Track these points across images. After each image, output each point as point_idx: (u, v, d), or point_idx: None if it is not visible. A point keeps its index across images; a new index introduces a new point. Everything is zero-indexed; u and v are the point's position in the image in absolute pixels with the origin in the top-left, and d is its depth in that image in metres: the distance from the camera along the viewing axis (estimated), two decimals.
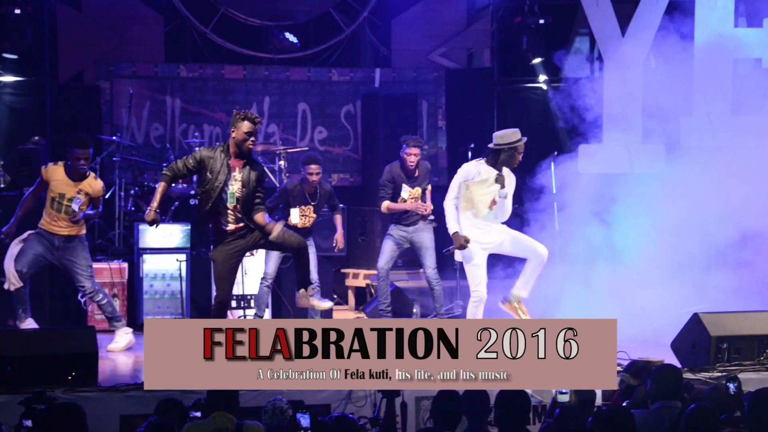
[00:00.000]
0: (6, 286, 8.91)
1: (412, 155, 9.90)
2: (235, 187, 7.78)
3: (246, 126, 7.77)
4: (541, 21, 12.59)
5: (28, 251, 8.91)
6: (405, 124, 12.40)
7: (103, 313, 9.18)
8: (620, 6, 12.23)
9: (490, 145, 8.50)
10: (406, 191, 9.96)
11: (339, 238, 10.24)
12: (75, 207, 8.90)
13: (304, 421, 5.60)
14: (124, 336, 9.16)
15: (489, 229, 8.50)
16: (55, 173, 8.92)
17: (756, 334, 8.07)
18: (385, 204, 10.00)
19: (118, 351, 9.12)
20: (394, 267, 10.78)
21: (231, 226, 7.84)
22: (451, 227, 8.47)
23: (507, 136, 8.47)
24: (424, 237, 10.01)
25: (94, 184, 9.05)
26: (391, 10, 13.46)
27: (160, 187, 7.88)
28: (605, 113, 12.20)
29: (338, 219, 10.28)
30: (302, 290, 8.17)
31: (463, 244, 8.36)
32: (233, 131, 7.81)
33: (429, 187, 10.18)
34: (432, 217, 10.08)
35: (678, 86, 11.40)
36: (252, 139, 7.82)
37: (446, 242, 8.94)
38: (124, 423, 6.90)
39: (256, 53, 13.14)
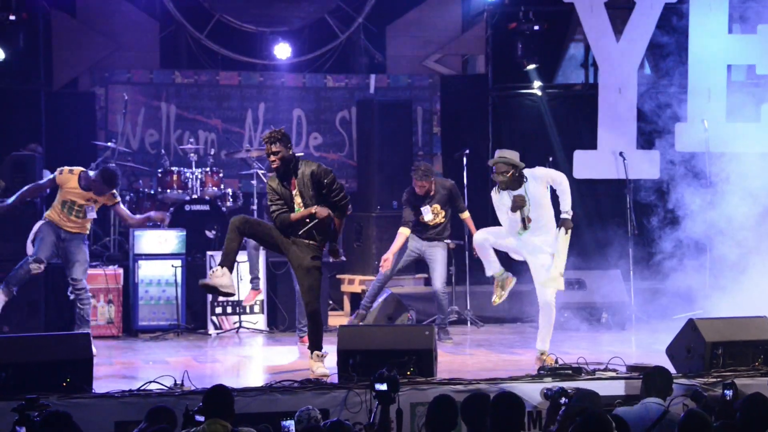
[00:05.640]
0: (35, 270, 9.01)
1: (418, 186, 9.90)
2: (298, 200, 7.99)
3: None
4: (536, 27, 12.59)
5: (46, 239, 9.08)
6: (400, 131, 12.40)
7: (80, 313, 9.14)
8: (615, 11, 12.26)
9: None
10: (427, 211, 9.94)
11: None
12: (90, 215, 9.16)
13: (290, 428, 5.59)
14: None
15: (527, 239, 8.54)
16: (69, 182, 9.12)
17: (751, 340, 8.05)
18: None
19: None
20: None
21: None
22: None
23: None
24: (438, 252, 10.00)
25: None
26: (386, 16, 13.46)
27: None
28: (600, 119, 12.24)
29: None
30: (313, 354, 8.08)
31: None
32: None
33: (466, 214, 10.12)
34: (448, 240, 10.12)
35: (672, 92, 11.43)
36: (270, 158, 7.95)
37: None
38: (119, 429, 6.88)
39: (251, 59, 13.13)
